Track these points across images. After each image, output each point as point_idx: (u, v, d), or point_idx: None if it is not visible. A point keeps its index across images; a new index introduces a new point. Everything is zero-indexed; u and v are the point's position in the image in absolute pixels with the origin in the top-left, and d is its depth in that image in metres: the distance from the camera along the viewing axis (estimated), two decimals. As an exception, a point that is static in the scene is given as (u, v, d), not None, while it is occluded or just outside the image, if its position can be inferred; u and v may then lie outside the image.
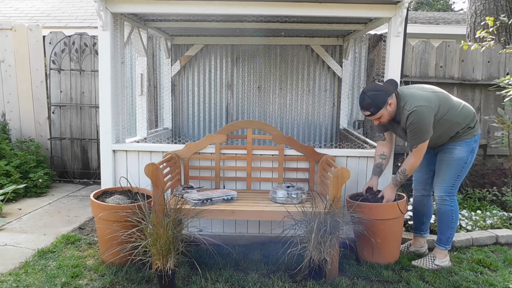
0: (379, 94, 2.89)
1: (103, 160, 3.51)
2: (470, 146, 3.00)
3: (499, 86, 4.44)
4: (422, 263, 3.15)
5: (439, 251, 3.15)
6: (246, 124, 3.65)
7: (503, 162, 4.81)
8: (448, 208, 3.07)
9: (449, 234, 3.12)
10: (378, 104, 2.89)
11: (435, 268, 3.09)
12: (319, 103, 5.77)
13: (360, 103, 2.97)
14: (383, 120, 2.97)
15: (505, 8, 5.98)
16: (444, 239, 3.13)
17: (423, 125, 2.85)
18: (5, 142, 5.16)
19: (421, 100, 2.88)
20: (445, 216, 3.10)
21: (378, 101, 2.89)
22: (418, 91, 2.97)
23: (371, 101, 2.90)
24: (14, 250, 3.30)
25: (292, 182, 3.46)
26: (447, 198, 3.06)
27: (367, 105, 2.92)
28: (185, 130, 5.90)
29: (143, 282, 2.81)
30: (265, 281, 2.83)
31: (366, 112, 2.95)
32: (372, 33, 4.75)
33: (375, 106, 2.90)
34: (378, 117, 2.96)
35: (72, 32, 5.70)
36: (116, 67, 3.53)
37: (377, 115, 2.93)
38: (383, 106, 2.90)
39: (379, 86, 2.95)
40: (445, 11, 18.97)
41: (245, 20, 4.08)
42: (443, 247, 3.14)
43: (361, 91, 3.03)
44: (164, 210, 2.71)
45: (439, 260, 3.12)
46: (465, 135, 2.98)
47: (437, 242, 3.18)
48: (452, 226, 3.11)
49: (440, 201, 3.09)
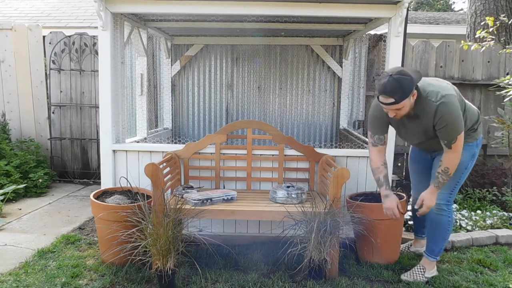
0: (407, 79, 2.47)
1: (103, 160, 3.51)
2: (472, 151, 2.79)
3: (499, 86, 4.44)
4: (412, 277, 2.91)
5: (429, 262, 2.94)
6: (246, 124, 3.65)
7: (503, 162, 4.82)
8: (445, 219, 2.86)
9: (442, 245, 2.92)
10: (405, 91, 2.47)
11: (425, 281, 2.89)
12: (319, 103, 5.77)
13: (383, 86, 2.50)
14: (402, 113, 2.57)
15: (505, 8, 5.98)
16: (436, 251, 2.92)
17: (457, 114, 2.53)
18: (5, 142, 5.16)
19: (445, 89, 2.58)
20: (441, 226, 2.88)
21: (405, 87, 2.47)
22: (435, 81, 2.67)
23: (398, 85, 2.45)
24: (14, 250, 3.29)
25: (292, 182, 3.46)
26: (445, 207, 2.84)
27: (393, 89, 2.46)
28: (185, 130, 5.90)
29: (143, 282, 2.81)
30: (265, 281, 2.83)
31: (389, 99, 2.50)
32: (372, 33, 4.75)
33: (402, 92, 2.47)
34: (399, 108, 2.53)
35: (72, 32, 5.70)
36: (116, 67, 3.53)
37: (400, 104, 2.50)
38: (409, 94, 2.49)
39: (406, 71, 2.52)
40: (445, 11, 18.97)
41: (245, 20, 4.08)
42: (433, 258, 2.93)
43: (383, 73, 2.58)
44: (164, 210, 2.71)
45: (428, 272, 2.93)
46: (467, 138, 2.72)
47: (427, 253, 2.95)
48: (446, 237, 2.92)
49: (437, 210, 2.83)
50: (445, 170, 2.64)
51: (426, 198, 2.74)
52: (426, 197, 2.74)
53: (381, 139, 2.87)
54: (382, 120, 2.82)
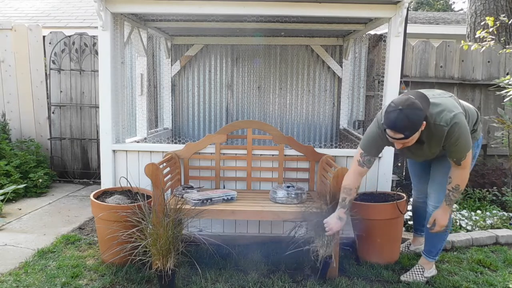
0: (418, 114, 2.30)
1: (103, 160, 3.51)
2: (472, 152, 2.68)
3: (499, 86, 4.43)
4: (411, 277, 2.91)
5: (427, 262, 2.94)
6: (246, 124, 3.65)
7: (503, 162, 4.81)
8: None
9: (440, 246, 2.92)
10: (416, 126, 2.32)
11: (424, 281, 2.89)
12: (319, 103, 5.77)
13: (393, 122, 2.32)
14: (408, 144, 2.44)
15: (505, 8, 5.98)
16: (434, 252, 2.92)
17: (467, 133, 2.46)
18: (5, 142, 5.16)
19: (451, 106, 2.46)
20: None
21: (416, 122, 2.31)
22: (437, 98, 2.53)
23: (409, 122, 2.29)
24: (14, 250, 3.29)
25: (292, 182, 3.46)
26: None
27: (404, 127, 2.31)
28: (185, 130, 5.90)
29: (143, 282, 2.81)
30: (265, 281, 2.83)
31: (398, 135, 2.34)
32: (372, 33, 4.75)
33: (413, 128, 2.32)
34: (407, 142, 2.40)
35: (72, 32, 5.69)
36: (116, 67, 3.53)
37: (409, 139, 2.37)
38: (420, 127, 2.34)
39: (417, 103, 2.32)
40: (445, 11, 18.97)
41: (245, 20, 4.08)
42: (432, 259, 2.93)
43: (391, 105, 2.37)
44: (164, 210, 2.71)
45: (427, 271, 2.93)
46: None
47: (426, 254, 2.95)
48: (444, 238, 2.92)
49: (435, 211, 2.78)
50: (456, 187, 2.59)
51: (438, 217, 2.69)
52: (439, 216, 2.68)
53: (371, 161, 2.71)
54: (381, 143, 2.66)
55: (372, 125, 2.70)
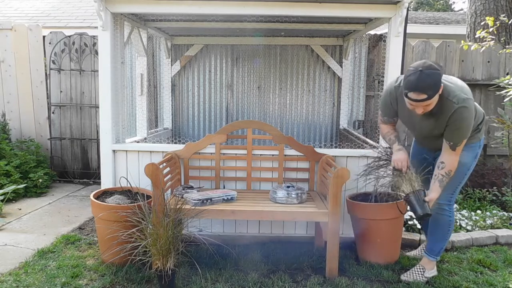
0: (438, 74, 2.36)
1: (103, 160, 3.51)
2: (475, 152, 2.77)
3: (499, 86, 4.43)
4: (412, 277, 2.91)
5: (429, 261, 2.94)
6: (246, 124, 3.65)
7: (503, 162, 4.81)
8: (446, 219, 2.86)
9: (442, 245, 2.92)
10: (437, 86, 2.37)
11: (425, 281, 2.89)
12: (319, 103, 5.77)
13: (415, 83, 2.36)
14: (429, 108, 2.48)
15: (505, 8, 5.98)
16: (436, 250, 2.93)
17: (471, 121, 2.54)
18: (5, 142, 5.16)
19: (466, 92, 2.54)
20: (442, 226, 2.88)
21: (437, 82, 2.37)
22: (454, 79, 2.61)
23: (431, 81, 2.34)
24: (14, 250, 3.30)
25: (292, 182, 3.46)
26: (446, 207, 2.84)
27: (427, 86, 2.35)
28: (185, 130, 5.90)
29: (143, 282, 2.81)
30: (265, 281, 2.83)
31: (421, 96, 2.38)
32: (372, 33, 4.75)
33: (435, 87, 2.37)
34: (429, 104, 2.43)
35: (72, 32, 5.69)
36: (116, 67, 3.53)
37: (431, 100, 2.40)
38: (440, 89, 2.40)
39: (434, 65, 2.41)
40: (445, 11, 18.97)
41: (245, 20, 4.08)
42: (433, 258, 2.94)
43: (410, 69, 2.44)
44: (164, 210, 2.71)
45: (428, 271, 2.93)
46: (471, 139, 2.70)
47: (427, 253, 2.95)
48: (447, 237, 2.92)
49: (438, 210, 2.81)
50: (448, 173, 2.65)
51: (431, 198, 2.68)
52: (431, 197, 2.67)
53: (391, 120, 2.93)
54: (393, 108, 2.83)
55: (383, 94, 2.89)
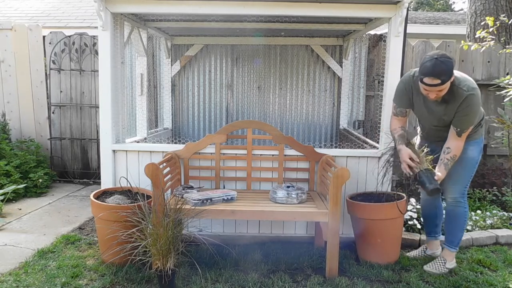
0: (451, 62, 2.59)
1: (103, 160, 3.51)
2: (479, 146, 2.95)
3: (499, 86, 4.43)
4: (434, 267, 3.05)
5: (449, 253, 3.08)
6: (246, 124, 3.65)
7: (503, 162, 4.81)
8: (462, 210, 3.01)
9: (460, 235, 3.07)
10: (450, 72, 2.58)
11: (446, 272, 3.02)
12: (319, 103, 5.77)
13: (431, 69, 2.57)
14: (441, 94, 2.66)
15: (505, 8, 5.97)
16: (456, 241, 3.06)
17: (478, 109, 2.75)
18: (5, 142, 5.16)
19: (473, 82, 2.73)
20: (459, 218, 3.03)
21: (450, 69, 2.58)
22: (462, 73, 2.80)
23: (445, 67, 2.55)
24: (14, 250, 3.30)
25: (292, 182, 3.46)
26: (461, 200, 2.99)
27: (441, 71, 2.55)
28: (185, 130, 5.90)
29: (143, 282, 2.81)
30: (265, 281, 2.83)
31: (435, 80, 2.57)
32: (372, 33, 4.75)
33: (448, 74, 2.57)
34: (441, 89, 2.62)
35: (72, 32, 5.69)
36: (116, 67, 3.53)
37: (444, 85, 2.60)
38: (452, 76, 2.61)
39: (447, 54, 2.65)
40: (445, 11, 18.97)
41: (245, 20, 4.08)
42: (454, 249, 3.07)
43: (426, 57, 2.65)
44: (164, 210, 2.71)
45: (449, 262, 3.06)
46: (475, 135, 2.91)
47: (447, 244, 3.09)
48: (464, 227, 3.07)
49: (454, 203, 3.00)
50: (453, 157, 2.81)
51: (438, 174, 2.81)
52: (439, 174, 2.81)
53: (403, 112, 3.03)
54: (407, 96, 2.95)
55: (399, 83, 3.03)
